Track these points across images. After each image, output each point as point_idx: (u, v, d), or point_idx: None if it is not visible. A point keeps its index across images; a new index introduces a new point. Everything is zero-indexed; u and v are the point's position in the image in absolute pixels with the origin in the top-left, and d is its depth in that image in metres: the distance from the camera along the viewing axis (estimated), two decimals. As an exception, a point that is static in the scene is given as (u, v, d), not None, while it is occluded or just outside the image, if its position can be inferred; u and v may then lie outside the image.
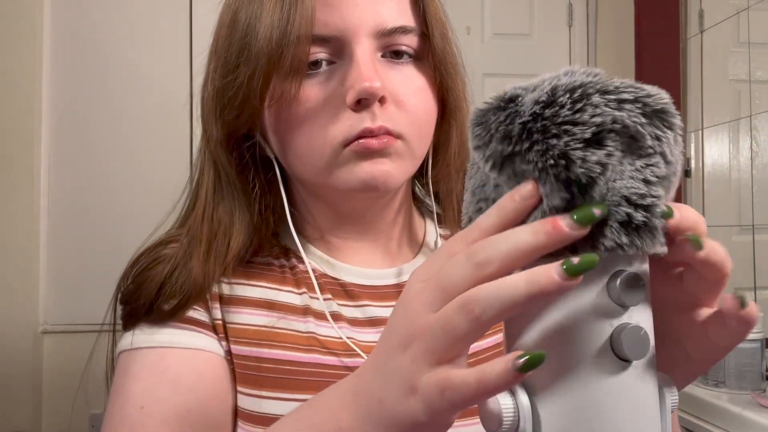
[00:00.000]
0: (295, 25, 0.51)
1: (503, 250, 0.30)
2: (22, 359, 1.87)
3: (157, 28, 2.02)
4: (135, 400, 0.53)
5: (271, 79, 0.52)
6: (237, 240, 0.57)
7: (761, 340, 1.37)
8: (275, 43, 0.51)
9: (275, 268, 0.61)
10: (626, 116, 0.31)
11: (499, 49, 2.24)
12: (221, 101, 0.56)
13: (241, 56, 0.53)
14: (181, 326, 0.56)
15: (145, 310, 0.56)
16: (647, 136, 0.31)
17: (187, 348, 0.55)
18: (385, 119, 0.52)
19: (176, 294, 0.56)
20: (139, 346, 0.56)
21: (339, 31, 0.52)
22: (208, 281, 0.57)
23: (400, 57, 0.55)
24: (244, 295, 0.59)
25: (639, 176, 0.31)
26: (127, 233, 0.99)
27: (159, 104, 1.99)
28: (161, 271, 0.57)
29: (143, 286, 0.57)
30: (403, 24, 0.54)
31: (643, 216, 0.30)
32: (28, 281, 1.91)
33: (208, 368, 0.56)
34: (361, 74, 0.51)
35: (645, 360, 0.32)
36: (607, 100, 0.31)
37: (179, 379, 0.54)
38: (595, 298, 0.31)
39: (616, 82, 0.32)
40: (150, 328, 0.56)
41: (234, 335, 0.57)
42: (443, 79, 0.57)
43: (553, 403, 0.31)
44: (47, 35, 1.97)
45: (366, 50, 0.52)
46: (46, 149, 1.96)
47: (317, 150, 0.54)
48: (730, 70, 1.85)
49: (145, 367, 0.55)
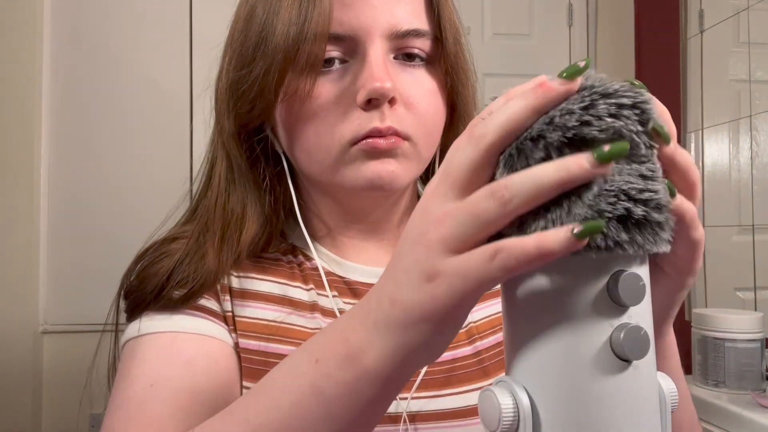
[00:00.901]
0: (312, 23, 0.52)
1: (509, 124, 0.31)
2: (22, 359, 1.87)
3: (157, 28, 2.02)
4: (143, 380, 0.51)
5: (286, 75, 0.53)
6: (249, 230, 0.58)
7: (761, 340, 1.37)
8: (292, 39, 0.52)
9: (284, 264, 0.61)
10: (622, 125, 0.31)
11: (499, 49, 2.24)
12: (235, 93, 0.57)
13: (258, 50, 0.54)
14: (193, 313, 0.55)
15: (153, 297, 0.55)
16: (641, 144, 0.31)
17: (200, 334, 0.54)
18: (394, 120, 0.53)
19: (188, 281, 0.55)
20: (146, 332, 0.54)
21: (353, 31, 0.53)
22: (221, 269, 0.56)
23: (412, 60, 0.56)
24: (255, 289, 0.59)
25: (635, 173, 0.31)
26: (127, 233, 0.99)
27: (159, 104, 2.00)
28: (168, 262, 0.56)
29: (149, 278, 0.56)
30: (417, 27, 0.55)
31: (642, 210, 0.31)
32: (28, 281, 1.91)
33: (221, 356, 0.54)
34: (372, 74, 0.51)
35: (645, 360, 0.32)
36: (608, 106, 0.31)
37: (193, 361, 0.52)
38: (595, 298, 0.31)
39: (615, 85, 0.32)
40: (159, 314, 0.55)
41: (243, 329, 0.57)
42: (454, 84, 0.58)
43: (553, 403, 0.31)
44: (47, 35, 1.97)
45: (378, 51, 0.53)
46: (46, 149, 1.96)
47: (325, 147, 0.54)
48: (730, 70, 1.85)
49: (153, 349, 0.53)
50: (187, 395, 0.50)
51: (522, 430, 0.31)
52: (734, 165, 1.80)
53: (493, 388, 0.33)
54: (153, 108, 2.00)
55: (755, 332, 1.36)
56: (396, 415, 0.56)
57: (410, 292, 0.33)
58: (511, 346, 0.34)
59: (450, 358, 0.59)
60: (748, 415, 1.23)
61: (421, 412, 0.57)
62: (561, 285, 0.32)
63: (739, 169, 1.78)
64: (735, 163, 1.80)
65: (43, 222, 1.95)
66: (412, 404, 0.56)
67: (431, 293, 0.32)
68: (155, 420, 0.48)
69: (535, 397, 0.32)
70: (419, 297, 0.32)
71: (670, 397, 0.34)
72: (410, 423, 0.56)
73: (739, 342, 1.36)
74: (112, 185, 1.97)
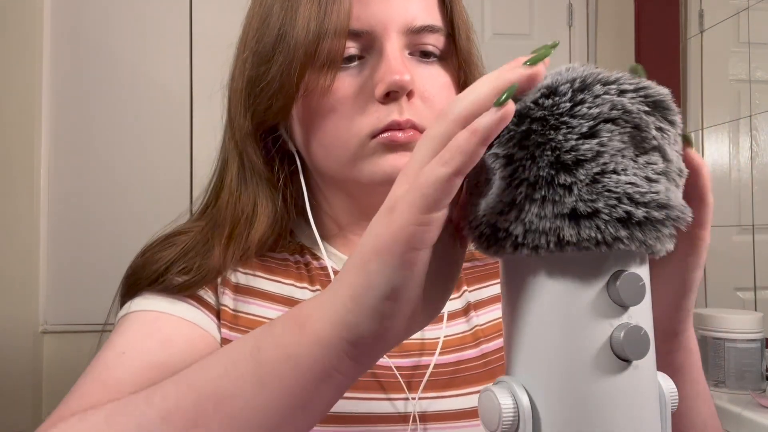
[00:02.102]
0: (332, 19, 0.52)
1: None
2: (22, 359, 1.86)
3: (158, 29, 2.02)
4: (117, 348, 0.52)
5: (306, 71, 0.53)
6: (259, 229, 0.58)
7: (761, 340, 1.37)
8: (312, 35, 0.52)
9: (291, 264, 0.62)
10: (627, 101, 0.31)
11: (499, 49, 2.24)
12: (253, 90, 0.57)
13: (277, 47, 0.54)
14: (186, 300, 0.56)
15: (153, 280, 0.56)
16: (651, 125, 0.31)
17: (186, 319, 0.55)
18: (412, 113, 0.54)
19: (190, 271, 0.56)
20: (137, 309, 0.55)
21: (370, 26, 0.53)
22: (225, 265, 0.57)
23: (428, 57, 0.56)
24: (262, 288, 0.59)
25: (641, 173, 0.31)
26: (128, 233, 0.99)
27: (159, 104, 1.99)
28: (173, 251, 0.57)
29: (152, 263, 0.57)
30: (431, 23, 0.55)
31: (644, 212, 0.31)
32: (28, 281, 1.91)
33: (201, 343, 0.55)
34: (390, 67, 0.52)
35: (645, 360, 0.32)
36: (608, 89, 0.31)
37: (170, 340, 0.53)
38: (595, 298, 0.31)
39: (617, 74, 0.32)
40: (153, 296, 0.56)
41: (245, 325, 0.57)
42: (467, 79, 0.59)
43: (553, 403, 0.31)
44: (47, 35, 1.96)
45: (395, 45, 0.53)
46: (46, 149, 1.96)
47: (343, 141, 0.54)
48: (730, 70, 1.85)
49: (136, 323, 0.54)
50: (156, 370, 0.50)
51: (522, 430, 0.31)
52: (734, 165, 1.80)
53: (493, 388, 0.33)
54: (153, 108, 1.99)
55: (755, 332, 1.36)
56: (405, 414, 0.56)
57: (369, 233, 0.34)
58: (511, 345, 0.34)
59: (455, 360, 0.59)
60: (748, 415, 1.23)
61: (427, 412, 0.57)
62: (561, 285, 0.32)
63: (739, 169, 1.78)
64: (735, 163, 1.80)
65: (43, 222, 1.95)
66: (419, 404, 0.57)
67: (393, 224, 0.33)
68: (116, 384, 0.49)
69: (535, 397, 0.32)
70: (382, 231, 0.33)
71: (670, 397, 0.34)
72: (420, 423, 0.56)
73: (739, 342, 1.36)
74: (112, 185, 1.97)
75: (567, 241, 0.31)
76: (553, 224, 0.31)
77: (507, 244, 0.32)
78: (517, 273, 0.34)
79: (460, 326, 0.61)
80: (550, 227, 0.31)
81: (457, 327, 0.61)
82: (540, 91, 0.32)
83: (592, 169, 0.30)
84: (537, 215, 0.31)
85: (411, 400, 0.56)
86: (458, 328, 0.61)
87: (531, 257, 0.32)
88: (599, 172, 0.30)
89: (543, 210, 0.31)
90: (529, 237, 0.31)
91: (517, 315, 0.34)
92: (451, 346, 0.60)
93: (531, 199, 0.31)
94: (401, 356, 0.58)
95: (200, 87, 1.99)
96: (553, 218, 0.31)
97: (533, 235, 0.31)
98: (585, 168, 0.30)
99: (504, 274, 0.35)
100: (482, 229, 0.34)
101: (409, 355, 0.59)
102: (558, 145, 0.31)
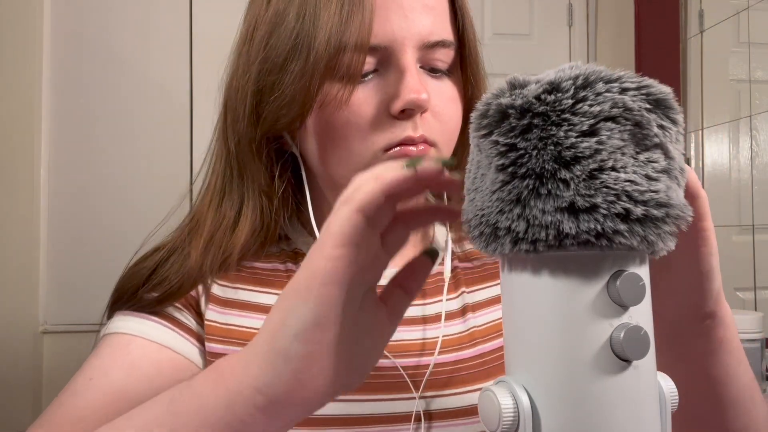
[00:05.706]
0: (353, 32, 0.51)
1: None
2: (22, 359, 1.86)
3: (158, 29, 2.02)
4: (86, 373, 0.54)
5: (325, 83, 0.53)
6: (240, 236, 0.58)
7: (761, 340, 1.37)
8: (333, 48, 0.52)
9: (281, 274, 0.61)
10: (629, 99, 0.31)
11: (499, 49, 2.24)
12: (263, 99, 0.56)
13: (292, 57, 0.53)
14: (158, 321, 0.57)
15: (128, 298, 0.58)
16: (652, 122, 0.31)
17: (155, 342, 0.56)
18: (425, 129, 0.54)
19: (165, 282, 0.56)
20: (113, 331, 0.57)
21: (388, 42, 0.53)
22: (202, 272, 0.57)
23: (437, 72, 0.56)
24: (252, 301, 0.59)
25: (642, 171, 0.31)
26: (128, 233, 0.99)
27: (159, 104, 1.99)
28: (152, 261, 0.58)
29: (132, 276, 0.58)
30: (444, 38, 0.55)
31: (642, 210, 0.31)
32: (28, 281, 1.91)
33: (169, 367, 0.56)
34: (409, 85, 0.52)
35: (645, 360, 0.32)
36: (610, 86, 0.31)
37: (136, 365, 0.54)
38: (595, 298, 0.31)
39: (620, 72, 0.32)
40: (129, 316, 0.57)
41: (239, 337, 0.57)
42: (474, 91, 0.59)
43: (553, 403, 0.31)
44: (47, 35, 1.96)
45: (411, 61, 0.53)
46: (46, 149, 1.96)
47: (357, 153, 0.54)
48: (730, 70, 1.85)
49: (109, 348, 0.56)
50: (116, 396, 0.52)
51: (522, 430, 0.31)
52: (734, 165, 1.80)
53: (493, 388, 0.33)
54: (153, 108, 1.99)
55: (755, 332, 1.36)
56: (409, 414, 0.56)
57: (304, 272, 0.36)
58: (511, 345, 0.34)
59: (453, 360, 0.60)
60: (748, 415, 1.23)
61: (431, 410, 0.57)
62: (561, 284, 0.32)
63: (739, 169, 1.78)
64: (735, 163, 1.80)
65: (43, 222, 1.95)
66: (422, 403, 0.57)
67: (307, 260, 0.36)
68: (78, 412, 0.51)
69: (535, 397, 0.32)
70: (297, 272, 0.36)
71: (670, 397, 0.34)
72: (425, 421, 0.57)
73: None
74: (113, 185, 1.97)
75: (566, 234, 0.30)
76: (553, 218, 0.31)
77: (507, 241, 0.32)
78: (517, 273, 0.34)
79: (457, 327, 0.62)
80: (551, 221, 0.31)
81: (455, 327, 0.62)
82: (543, 87, 0.32)
83: (589, 166, 0.30)
84: (540, 210, 0.31)
85: (416, 399, 0.57)
86: (456, 328, 0.62)
87: (531, 256, 0.32)
88: (596, 169, 0.30)
89: (545, 204, 0.31)
90: (529, 231, 0.31)
91: (516, 315, 0.34)
92: (449, 345, 0.60)
93: (536, 193, 0.31)
94: (404, 356, 0.59)
95: (200, 87, 1.99)
96: (553, 212, 0.31)
97: (533, 230, 0.31)
98: (581, 164, 0.30)
99: (504, 274, 0.35)
100: (482, 229, 0.34)
101: (411, 355, 0.59)
102: (559, 141, 0.31)
